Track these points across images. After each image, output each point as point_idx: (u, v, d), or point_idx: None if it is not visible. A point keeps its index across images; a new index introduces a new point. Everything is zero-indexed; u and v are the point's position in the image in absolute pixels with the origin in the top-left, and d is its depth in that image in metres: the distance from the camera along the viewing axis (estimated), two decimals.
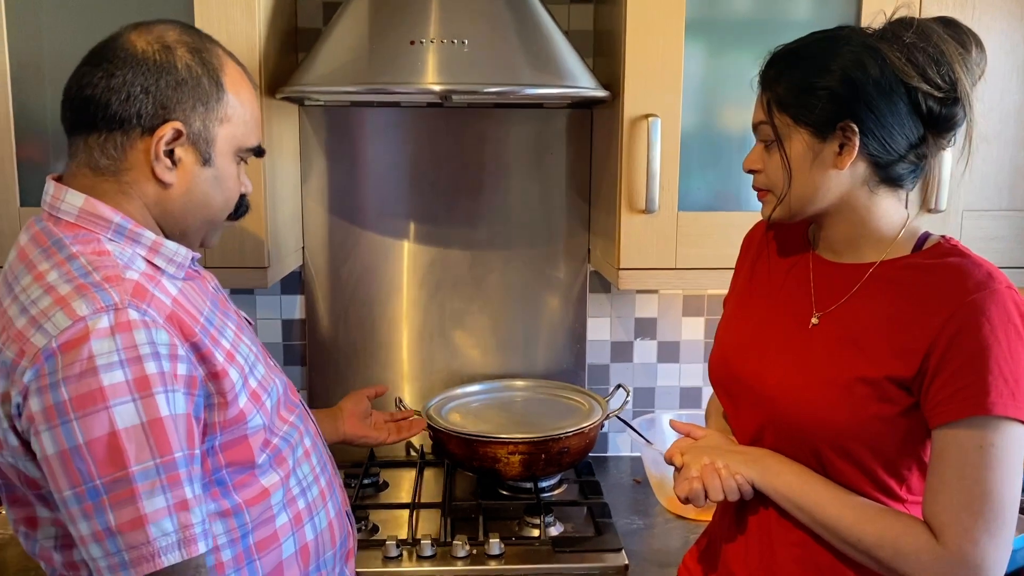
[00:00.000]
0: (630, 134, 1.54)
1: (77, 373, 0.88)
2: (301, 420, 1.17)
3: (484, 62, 1.47)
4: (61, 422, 0.88)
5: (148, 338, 0.92)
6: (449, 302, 1.96)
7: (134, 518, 0.89)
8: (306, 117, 1.87)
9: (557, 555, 1.49)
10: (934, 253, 1.06)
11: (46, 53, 1.48)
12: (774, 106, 1.07)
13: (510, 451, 1.65)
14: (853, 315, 1.08)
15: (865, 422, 1.03)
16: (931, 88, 1.02)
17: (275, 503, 1.06)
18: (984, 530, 0.96)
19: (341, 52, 1.50)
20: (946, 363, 0.98)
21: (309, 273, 1.93)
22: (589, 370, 2.00)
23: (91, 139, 1.01)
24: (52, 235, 1.00)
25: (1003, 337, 0.97)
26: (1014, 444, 0.97)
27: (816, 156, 1.05)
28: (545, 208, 1.94)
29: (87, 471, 0.88)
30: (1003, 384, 0.96)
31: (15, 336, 0.92)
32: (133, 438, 0.89)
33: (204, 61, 1.03)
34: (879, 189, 1.07)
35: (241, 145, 1.09)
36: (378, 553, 1.49)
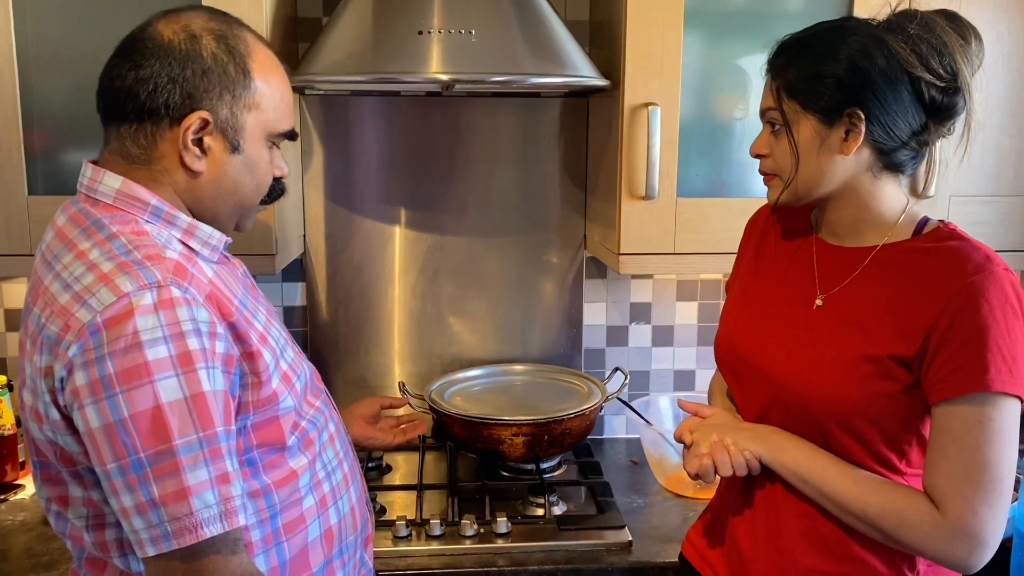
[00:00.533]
0: (630, 122, 1.58)
1: (122, 348, 0.90)
2: (326, 406, 1.19)
3: (489, 51, 1.49)
4: (106, 395, 0.90)
5: (190, 315, 0.94)
6: (447, 288, 1.99)
7: (178, 490, 0.91)
8: (305, 106, 1.89)
9: (562, 533, 1.54)
10: (934, 237, 1.11)
11: (53, 41, 1.48)
12: (783, 93, 1.11)
13: (514, 433, 1.69)
14: (856, 297, 1.12)
15: (869, 399, 1.08)
16: (933, 78, 1.06)
17: (302, 486, 1.08)
18: (983, 500, 1.02)
19: (347, 42, 1.52)
20: (946, 342, 1.03)
21: (309, 260, 1.95)
22: (585, 354, 2.04)
23: (123, 129, 1.03)
24: (90, 215, 1.01)
25: (1001, 317, 1.02)
26: (1011, 418, 1.03)
27: (823, 142, 1.10)
28: (541, 196, 1.97)
29: (131, 444, 0.90)
30: (1001, 361, 1.01)
31: (59, 311, 0.94)
32: (176, 412, 0.91)
33: (230, 48, 1.04)
34: (882, 175, 1.12)
35: (272, 130, 1.09)
36: (388, 533, 1.52)
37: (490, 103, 1.92)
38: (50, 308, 0.96)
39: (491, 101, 1.92)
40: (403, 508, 1.64)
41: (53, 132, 1.53)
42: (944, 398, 1.03)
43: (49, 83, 1.50)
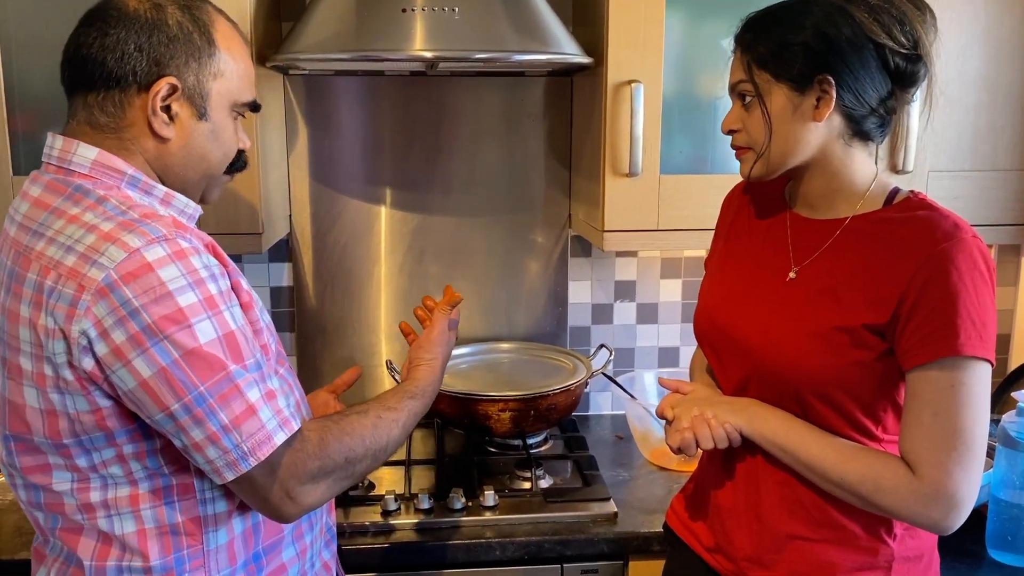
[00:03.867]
0: (613, 100, 1.59)
1: (154, 299, 0.93)
2: (290, 374, 1.21)
3: (473, 29, 1.50)
4: (152, 344, 0.93)
5: (203, 263, 0.98)
6: (433, 268, 2.00)
7: (245, 408, 0.96)
8: (290, 86, 1.89)
9: (549, 505, 1.56)
10: (904, 207, 1.13)
11: (34, 23, 1.48)
12: (754, 65, 1.13)
13: (500, 408, 1.71)
14: (828, 268, 1.15)
15: (843, 368, 1.11)
16: (896, 45, 1.09)
17: None
18: (957, 463, 1.05)
19: (331, 20, 1.52)
20: (917, 309, 1.06)
21: (296, 241, 1.96)
22: (571, 332, 2.06)
23: (90, 97, 1.04)
24: (70, 183, 1.02)
25: (970, 283, 1.04)
26: (982, 382, 1.06)
27: (796, 109, 1.12)
28: (526, 174, 1.99)
29: (189, 381, 0.94)
30: (971, 326, 1.04)
31: (68, 273, 0.95)
32: (219, 348, 0.96)
33: (195, 18, 1.06)
34: (852, 143, 1.14)
35: (236, 100, 1.11)
36: (377, 508, 1.54)
37: (474, 82, 1.93)
38: (55, 272, 0.96)
39: (475, 80, 1.93)
40: (392, 483, 1.66)
41: (36, 113, 1.53)
42: (916, 364, 1.06)
43: (31, 64, 1.50)
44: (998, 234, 1.72)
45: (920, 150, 1.66)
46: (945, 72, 1.65)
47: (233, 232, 1.55)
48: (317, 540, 1.20)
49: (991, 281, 1.07)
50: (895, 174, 1.67)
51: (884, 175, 1.18)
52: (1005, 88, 1.68)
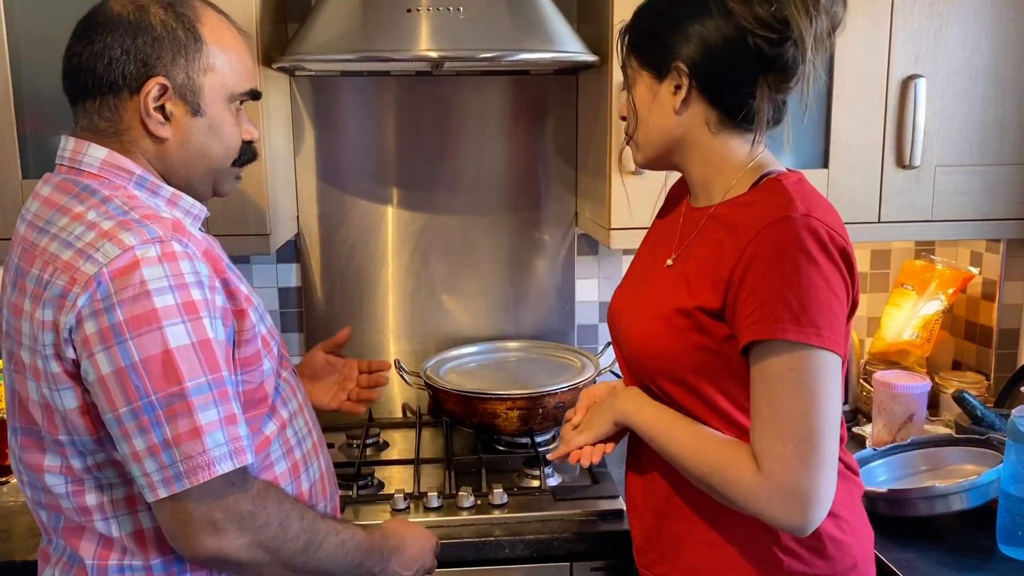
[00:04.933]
0: (618, 98, 1.59)
1: (131, 296, 0.93)
2: (293, 377, 1.22)
3: (478, 29, 1.50)
4: (117, 342, 0.93)
5: (192, 268, 0.98)
6: (440, 267, 2.01)
7: (190, 429, 0.94)
8: (296, 87, 1.90)
9: (558, 503, 1.56)
10: (760, 189, 1.10)
11: (44, 26, 1.49)
12: (626, 50, 1.15)
13: (508, 407, 1.71)
14: (692, 253, 1.14)
15: (688, 352, 1.09)
16: (759, 27, 1.03)
17: (273, 451, 1.12)
18: (796, 455, 0.99)
19: (336, 21, 1.53)
20: (742, 291, 1.02)
21: (303, 241, 1.96)
22: (578, 330, 2.07)
23: (88, 104, 1.06)
24: (79, 183, 1.04)
25: (790, 263, 0.99)
26: (816, 371, 0.99)
27: (655, 96, 1.12)
28: (532, 173, 1.99)
29: (143, 387, 0.93)
30: (784, 309, 0.99)
31: (63, 267, 0.96)
32: (185, 356, 0.94)
33: (179, 14, 1.06)
34: (721, 131, 1.11)
35: (232, 91, 1.10)
36: (386, 506, 1.55)
37: (480, 82, 1.93)
38: (52, 265, 0.98)
39: (481, 80, 1.93)
40: (401, 482, 1.66)
41: (46, 116, 1.54)
42: (742, 347, 1.03)
43: (41, 68, 1.51)
44: (1005, 228, 1.72)
45: (927, 145, 1.66)
46: (952, 65, 1.65)
47: (241, 233, 1.56)
48: None
49: (831, 264, 1.00)
50: (901, 169, 1.67)
51: (766, 160, 1.12)
52: (1011, 81, 1.67)
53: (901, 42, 1.63)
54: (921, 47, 1.64)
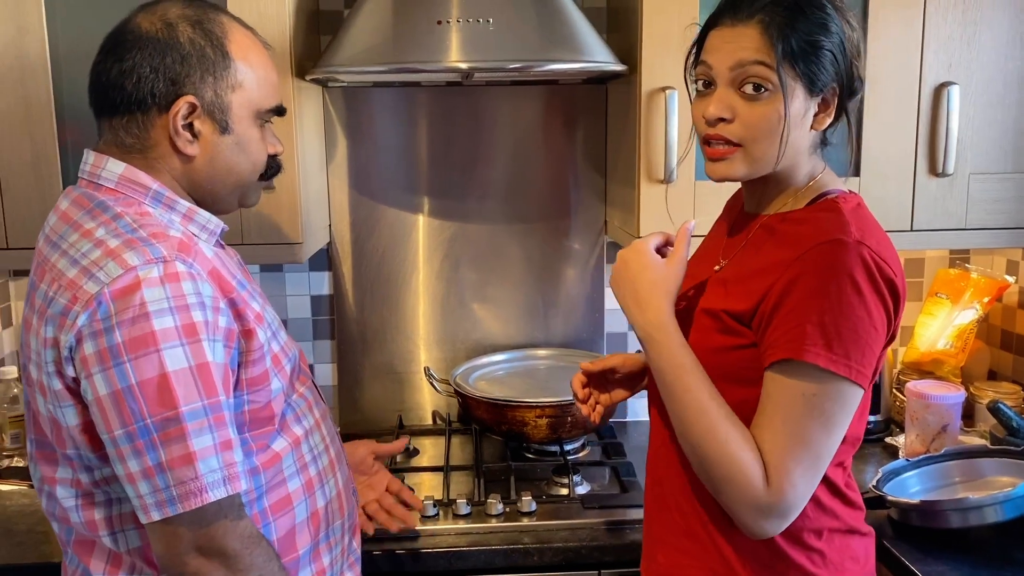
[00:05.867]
0: (648, 107, 1.59)
1: (130, 318, 0.93)
2: (311, 392, 1.21)
3: (507, 39, 1.52)
4: (114, 363, 0.93)
5: (194, 289, 0.97)
6: (470, 275, 2.02)
7: (184, 454, 0.93)
8: (328, 98, 1.93)
9: (586, 511, 1.56)
10: (816, 208, 1.08)
11: (84, 38, 1.52)
12: (786, 56, 1.01)
13: (538, 415, 1.72)
14: (739, 261, 1.13)
15: (706, 353, 1.07)
16: (857, 55, 1.07)
17: (286, 467, 1.11)
18: (802, 478, 1.01)
19: (368, 33, 1.55)
20: (779, 307, 1.01)
21: (335, 250, 1.99)
22: (608, 338, 2.07)
23: (115, 121, 1.06)
24: (94, 198, 1.04)
25: (834, 287, 0.98)
26: (835, 401, 0.99)
27: (804, 114, 1.05)
28: (561, 181, 2.00)
29: (139, 410, 0.93)
30: (819, 333, 0.98)
31: (67, 284, 0.97)
32: (182, 380, 0.94)
33: (207, 32, 1.06)
34: (816, 151, 1.12)
35: (259, 108, 1.10)
36: (416, 513, 1.55)
37: (509, 91, 1.95)
38: (58, 283, 0.98)
39: (510, 89, 1.95)
40: (431, 489, 1.67)
41: (87, 126, 1.56)
42: (767, 363, 1.02)
43: (82, 78, 1.52)
44: None
45: (960, 152, 1.64)
46: (985, 72, 1.63)
47: (274, 242, 1.59)
48: (338, 561, 1.19)
49: (876, 296, 0.99)
50: (934, 177, 1.65)
51: (828, 179, 1.12)
52: None
53: (934, 50, 1.62)
54: (954, 54, 1.62)
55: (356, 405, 2.04)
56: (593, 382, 1.37)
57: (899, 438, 1.82)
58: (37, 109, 1.53)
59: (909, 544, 1.23)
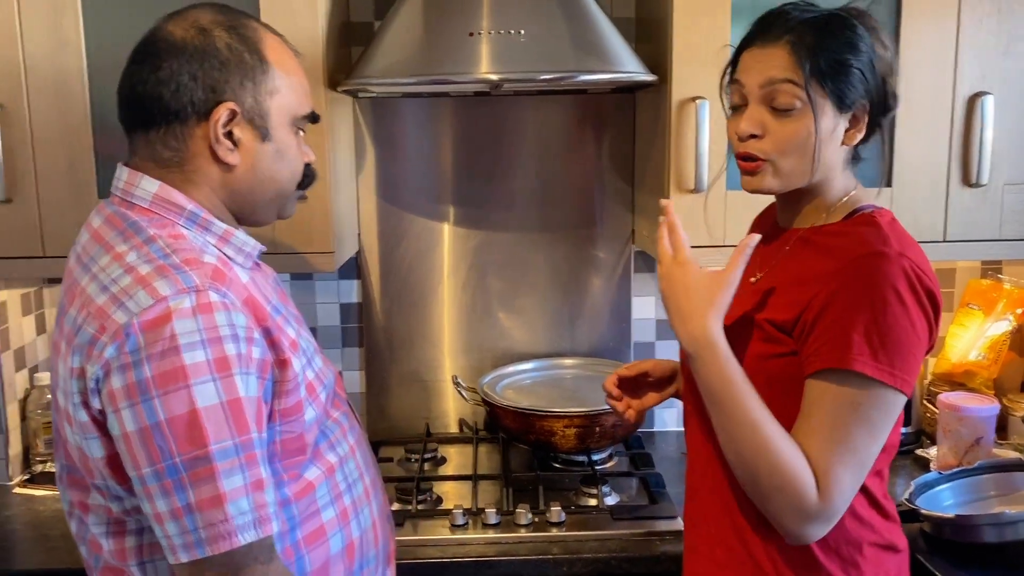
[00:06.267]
0: (678, 116, 1.59)
1: (160, 351, 0.89)
2: (346, 417, 1.16)
3: (538, 50, 1.52)
4: (143, 399, 0.89)
5: (228, 320, 0.93)
6: (496, 284, 2.02)
7: (213, 496, 0.90)
8: (358, 108, 1.94)
9: (616, 522, 1.56)
10: (854, 222, 1.11)
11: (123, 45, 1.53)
12: (814, 74, 1.04)
13: (566, 425, 1.72)
14: (775, 273, 1.14)
15: (751, 359, 1.09)
16: (890, 72, 1.09)
17: (320, 497, 1.06)
18: (850, 486, 1.03)
19: (400, 45, 1.56)
20: (822, 316, 1.03)
21: (364, 258, 2.00)
22: (635, 348, 2.06)
23: (151, 134, 1.02)
24: (127, 218, 1.01)
25: (879, 298, 1.00)
26: (880, 410, 1.02)
27: (833, 130, 1.09)
28: (587, 191, 2.00)
29: (167, 448, 0.89)
30: (864, 342, 1.00)
31: (96, 312, 0.93)
32: (212, 417, 0.90)
33: (243, 37, 1.03)
34: (848, 166, 1.14)
35: (295, 114, 1.08)
36: (445, 522, 1.56)
37: (536, 100, 1.95)
38: (87, 309, 0.95)
39: (537, 99, 1.95)
40: (459, 498, 1.68)
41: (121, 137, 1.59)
42: (810, 372, 1.03)
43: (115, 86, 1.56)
44: None
45: (994, 163, 1.62)
46: (1020, 82, 1.62)
47: (306, 251, 1.60)
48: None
49: (918, 306, 1.01)
50: (968, 187, 1.64)
51: (861, 194, 1.14)
52: None
53: (968, 60, 1.61)
54: (988, 64, 1.61)
55: (383, 413, 2.05)
56: (626, 386, 1.39)
57: (930, 450, 1.80)
58: (74, 120, 1.55)
59: (943, 559, 1.22)
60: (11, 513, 1.69)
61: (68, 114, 1.54)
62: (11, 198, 1.55)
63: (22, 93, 1.53)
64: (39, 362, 1.94)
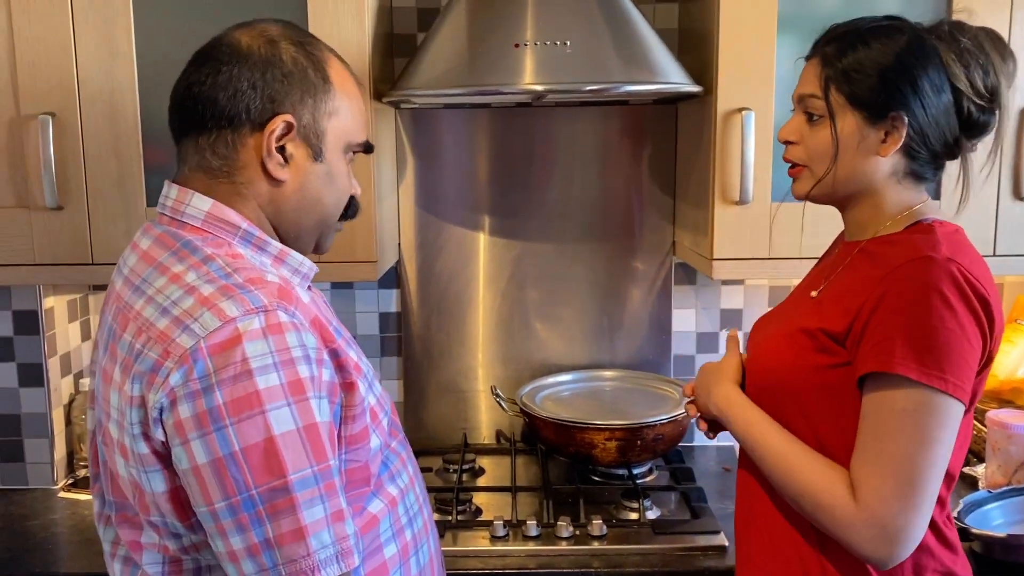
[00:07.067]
0: (724, 128, 1.58)
1: (232, 376, 0.84)
2: (403, 447, 1.11)
3: (583, 62, 1.52)
4: (215, 428, 0.84)
5: (299, 341, 0.89)
6: (535, 294, 2.02)
7: (294, 529, 0.84)
8: (400, 119, 1.95)
9: (657, 536, 1.55)
10: (912, 231, 1.10)
11: (173, 58, 1.56)
12: (832, 83, 1.09)
13: (607, 437, 1.71)
14: (834, 284, 1.14)
15: (802, 371, 1.10)
16: (975, 95, 1.07)
17: (383, 531, 1.01)
18: (894, 494, 0.99)
19: (444, 57, 1.57)
20: (871, 322, 1.02)
21: (403, 268, 2.01)
22: (675, 361, 2.05)
23: (201, 139, 0.98)
24: (180, 238, 0.96)
25: (923, 301, 0.99)
26: (932, 414, 0.99)
27: (863, 140, 1.09)
28: (627, 202, 1.99)
29: (243, 480, 0.84)
30: (909, 346, 0.99)
31: (158, 337, 0.88)
32: (290, 444, 0.85)
33: (309, 53, 1.00)
34: (904, 181, 1.12)
35: (351, 140, 1.05)
36: (485, 533, 1.55)
37: (577, 111, 1.95)
38: (146, 334, 0.89)
39: (579, 110, 1.95)
40: (499, 509, 1.67)
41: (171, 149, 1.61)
42: (859, 375, 1.03)
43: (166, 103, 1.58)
44: None
45: None
46: None
47: (350, 260, 1.61)
48: None
49: (968, 311, 1.00)
50: (1019, 201, 1.61)
51: (928, 208, 1.13)
52: None
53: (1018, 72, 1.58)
54: None
55: (421, 422, 2.05)
56: None
57: (978, 468, 1.77)
58: (124, 130, 1.57)
59: None
60: (56, 517, 1.71)
61: (119, 125, 1.57)
62: (62, 206, 1.57)
63: (75, 103, 1.55)
64: (84, 367, 1.97)
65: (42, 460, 1.84)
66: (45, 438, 1.84)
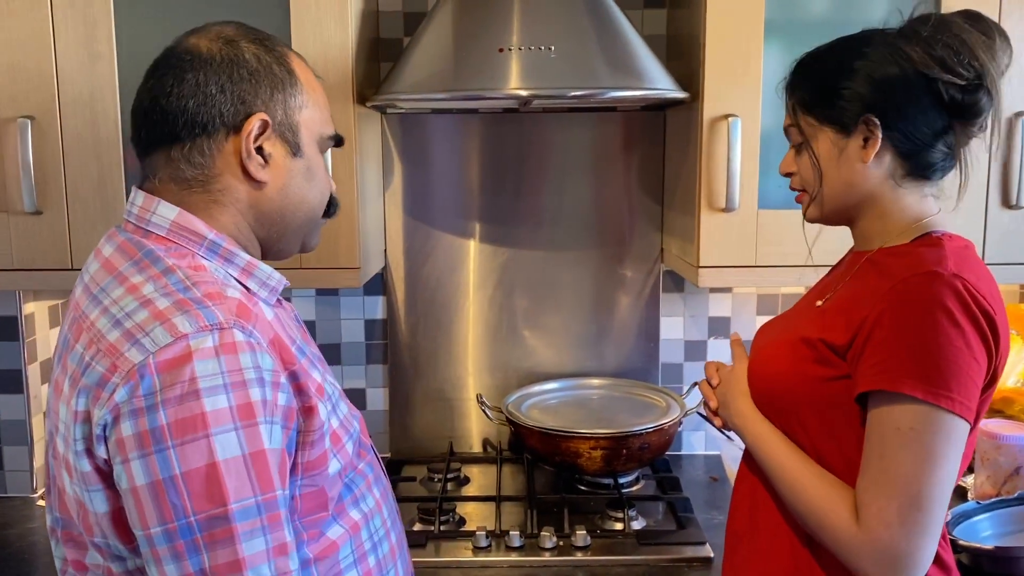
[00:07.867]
0: (710, 134, 1.57)
1: (178, 395, 0.81)
2: (371, 468, 1.06)
3: (568, 67, 1.51)
4: (156, 449, 0.80)
5: (253, 362, 0.85)
6: (522, 302, 2.00)
7: (231, 560, 0.81)
8: (386, 124, 1.94)
9: (642, 547, 1.53)
10: (919, 243, 1.08)
11: None
12: (799, 109, 1.12)
13: (592, 446, 1.69)
14: (839, 294, 1.12)
15: (801, 381, 1.08)
16: (952, 77, 1.03)
17: (343, 558, 0.97)
18: (898, 517, 0.96)
19: (430, 60, 1.55)
20: (872, 337, 1.00)
21: (390, 274, 1.99)
22: (663, 368, 2.03)
23: (174, 152, 0.94)
24: (142, 247, 0.92)
25: (928, 318, 0.97)
26: (937, 433, 0.96)
27: (841, 152, 1.09)
28: (616, 209, 1.98)
29: (182, 506, 0.80)
30: (914, 364, 0.96)
31: (107, 349, 0.85)
32: (234, 471, 0.81)
33: (270, 49, 0.98)
34: (904, 183, 1.09)
35: (323, 133, 1.03)
36: (468, 543, 1.54)
37: (565, 118, 1.94)
38: (96, 346, 0.86)
39: (566, 116, 1.94)
40: (482, 519, 1.65)
41: None
42: (859, 393, 1.01)
43: None
44: None
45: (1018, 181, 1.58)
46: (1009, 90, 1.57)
47: (332, 267, 1.59)
48: None
49: (974, 328, 0.97)
50: (1007, 209, 1.60)
51: (939, 220, 1.11)
52: None
53: (1008, 78, 1.56)
54: None
55: (406, 431, 2.03)
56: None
57: (967, 479, 1.75)
58: (105, 133, 1.55)
59: None
60: (35, 526, 1.69)
61: (99, 128, 1.55)
62: (41, 210, 1.56)
63: (54, 106, 1.54)
64: None
65: (21, 468, 1.82)
66: (24, 446, 1.81)
